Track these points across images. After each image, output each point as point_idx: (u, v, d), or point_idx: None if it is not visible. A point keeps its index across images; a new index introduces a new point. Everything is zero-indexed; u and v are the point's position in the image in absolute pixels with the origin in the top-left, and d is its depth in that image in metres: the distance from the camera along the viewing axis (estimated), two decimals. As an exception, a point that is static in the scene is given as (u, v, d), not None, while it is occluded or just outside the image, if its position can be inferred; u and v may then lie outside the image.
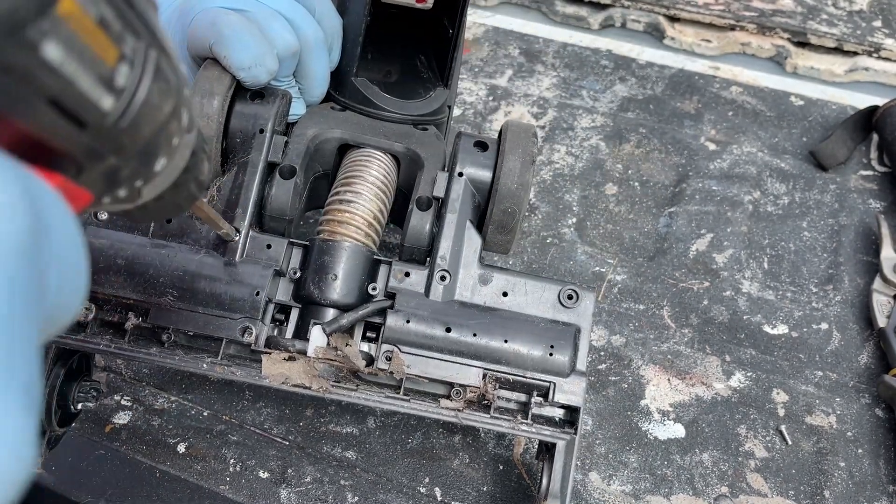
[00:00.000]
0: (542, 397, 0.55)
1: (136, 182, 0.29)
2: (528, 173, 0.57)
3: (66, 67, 0.20)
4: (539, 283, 0.58)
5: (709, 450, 0.65)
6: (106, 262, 0.55)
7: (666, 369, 0.70)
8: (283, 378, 0.53)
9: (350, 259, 0.55)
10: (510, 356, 0.55)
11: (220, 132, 0.57)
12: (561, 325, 0.56)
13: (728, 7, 1.06)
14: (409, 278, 0.56)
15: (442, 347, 0.54)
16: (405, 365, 0.54)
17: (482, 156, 0.59)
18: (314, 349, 0.53)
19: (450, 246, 0.57)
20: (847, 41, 1.01)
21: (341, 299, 0.55)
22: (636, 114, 0.95)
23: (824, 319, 0.74)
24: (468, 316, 0.55)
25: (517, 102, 0.96)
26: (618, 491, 0.62)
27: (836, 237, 0.81)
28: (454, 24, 0.63)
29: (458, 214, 0.58)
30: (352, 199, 0.57)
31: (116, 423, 0.66)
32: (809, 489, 0.63)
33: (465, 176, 0.58)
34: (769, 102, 0.96)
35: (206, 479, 0.62)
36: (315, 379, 0.53)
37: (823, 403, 0.68)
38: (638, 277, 0.77)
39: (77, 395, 0.59)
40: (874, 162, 0.88)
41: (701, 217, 0.83)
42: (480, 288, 0.57)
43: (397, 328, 0.54)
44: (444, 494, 0.62)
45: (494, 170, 0.58)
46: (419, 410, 0.54)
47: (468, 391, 0.54)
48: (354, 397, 0.54)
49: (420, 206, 0.58)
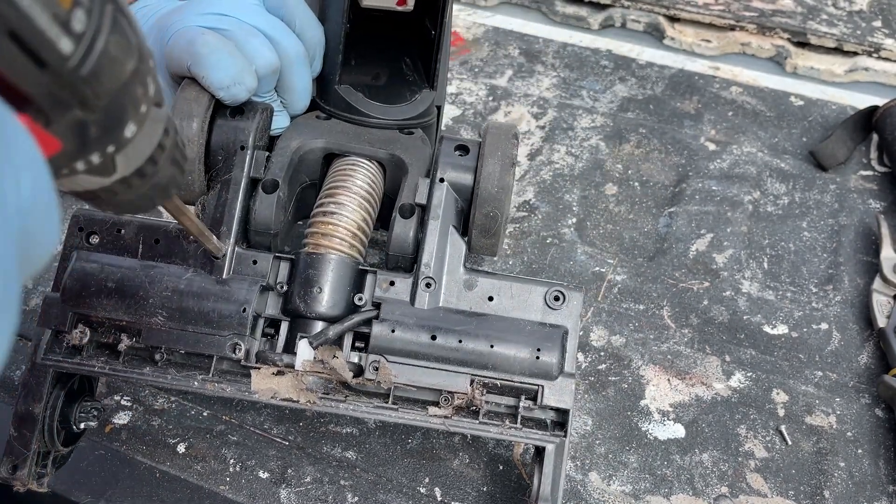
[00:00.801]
0: (531, 400, 0.56)
1: (107, 146, 0.30)
2: (508, 176, 0.57)
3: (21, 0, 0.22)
4: (525, 286, 0.57)
5: (709, 450, 0.65)
6: (97, 285, 0.56)
7: (666, 369, 0.70)
8: (272, 393, 0.54)
9: (335, 271, 0.55)
10: (497, 361, 0.55)
11: (202, 153, 0.57)
12: (548, 327, 0.56)
13: (728, 7, 1.06)
14: (395, 287, 0.57)
15: (428, 355, 0.55)
16: (392, 375, 0.54)
17: (463, 159, 0.59)
18: (302, 363, 0.54)
19: (434, 252, 0.57)
20: (847, 41, 1.02)
21: (328, 312, 0.55)
22: (636, 114, 0.95)
23: (824, 319, 0.74)
24: (454, 322, 0.55)
25: (517, 102, 0.96)
26: (618, 491, 0.62)
27: (835, 237, 0.81)
28: (436, 24, 0.63)
29: (441, 221, 0.57)
30: (335, 211, 0.57)
31: (116, 423, 0.66)
32: (809, 489, 0.63)
33: (446, 182, 0.58)
34: (769, 102, 0.96)
35: (205, 480, 0.62)
36: (303, 393, 0.54)
37: (823, 403, 0.68)
38: (638, 277, 0.77)
39: (79, 416, 0.60)
40: (874, 162, 0.88)
41: (701, 217, 0.83)
42: (466, 293, 0.57)
43: (383, 338, 0.55)
44: (444, 494, 0.62)
45: (476, 173, 0.58)
46: (407, 419, 0.54)
47: (456, 398, 0.55)
48: (342, 409, 0.54)
49: (403, 214, 0.58)
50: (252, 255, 0.56)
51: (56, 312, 0.56)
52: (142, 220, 0.59)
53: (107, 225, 0.58)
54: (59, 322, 0.56)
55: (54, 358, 0.56)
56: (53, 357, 0.56)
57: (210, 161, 0.59)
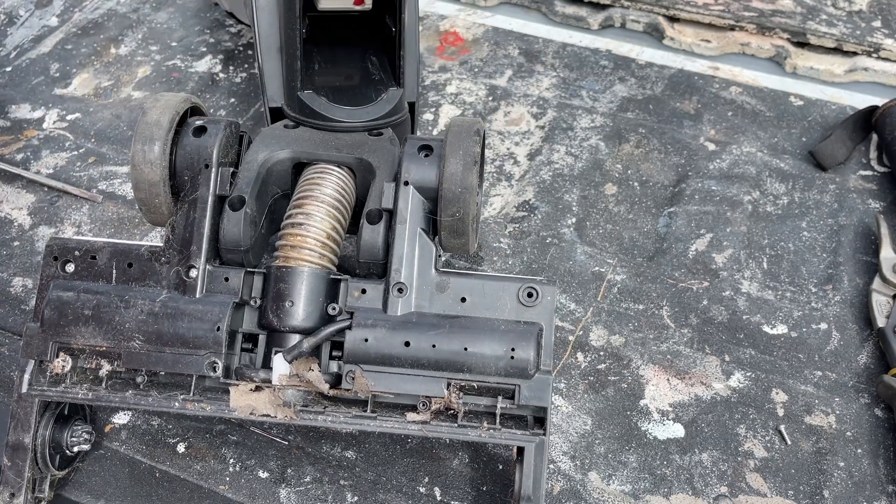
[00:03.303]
0: (508, 399, 0.56)
1: None
2: (471, 175, 0.57)
3: None
4: (497, 284, 0.58)
5: (708, 450, 0.65)
6: (74, 313, 0.57)
7: (665, 369, 0.70)
8: (251, 409, 0.55)
9: (306, 284, 0.56)
10: (471, 363, 0.55)
11: (166, 175, 0.58)
12: (522, 325, 0.56)
13: (728, 7, 1.06)
14: (366, 294, 0.57)
15: (403, 361, 0.55)
16: (370, 384, 0.55)
17: (427, 160, 0.59)
18: (278, 377, 0.55)
19: (403, 257, 0.57)
20: (847, 41, 1.02)
21: (301, 324, 0.55)
22: (636, 114, 0.95)
23: (824, 319, 0.74)
24: (426, 327, 0.56)
25: (517, 102, 0.96)
26: (617, 491, 0.62)
27: (835, 237, 0.81)
28: (396, 20, 0.63)
29: (409, 225, 0.58)
30: (303, 222, 0.57)
31: (116, 423, 0.66)
32: (809, 489, 0.63)
33: (411, 185, 0.58)
34: (769, 102, 0.96)
35: (205, 479, 0.63)
36: (279, 409, 0.55)
37: (823, 403, 0.68)
38: (637, 277, 0.77)
39: (70, 440, 0.61)
40: (873, 162, 0.89)
41: (700, 217, 0.83)
42: (438, 296, 0.57)
43: (357, 347, 0.55)
44: (443, 494, 0.62)
45: (439, 173, 0.58)
46: (386, 428, 0.55)
47: (434, 402, 0.55)
48: (321, 421, 0.55)
49: (371, 220, 0.58)
50: (224, 272, 0.57)
51: (38, 343, 0.57)
52: (114, 245, 0.59)
53: (81, 251, 0.59)
54: (40, 352, 0.57)
55: (39, 388, 0.57)
56: (38, 387, 0.57)
57: (176, 182, 0.59)
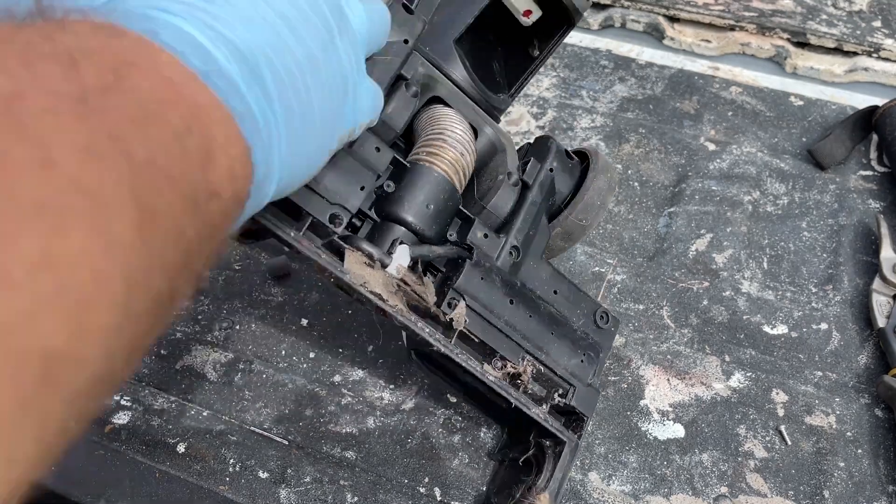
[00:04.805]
0: (561, 398, 0.58)
1: None
2: (609, 196, 0.61)
3: None
4: (581, 295, 0.61)
5: (708, 450, 0.65)
6: None
7: (665, 369, 0.70)
8: (363, 280, 0.49)
9: (451, 199, 0.54)
10: (550, 349, 0.57)
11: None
12: (594, 340, 0.61)
13: (728, 7, 1.06)
14: (487, 240, 0.56)
15: (500, 315, 0.55)
16: (465, 318, 0.53)
17: (569, 164, 0.62)
18: (396, 267, 0.50)
19: (526, 228, 0.58)
20: (847, 41, 1.02)
21: (426, 229, 0.52)
22: (636, 114, 0.95)
23: (824, 319, 0.74)
24: (530, 298, 0.57)
25: (517, 102, 0.96)
26: (617, 491, 0.62)
27: (835, 237, 0.81)
28: (543, 48, 0.64)
29: (540, 204, 0.59)
30: (450, 141, 0.55)
31: (116, 423, 0.66)
32: (809, 489, 0.63)
33: (554, 174, 0.61)
34: (769, 102, 0.96)
35: (205, 480, 0.62)
36: (392, 295, 0.50)
37: (823, 403, 0.68)
38: (637, 277, 0.77)
39: None
40: (874, 162, 0.89)
41: (700, 217, 0.83)
42: (538, 277, 0.59)
43: (469, 282, 0.53)
44: (443, 494, 0.62)
45: (578, 181, 0.62)
46: (469, 366, 0.54)
47: (509, 365, 0.55)
48: (419, 328, 0.52)
49: (513, 181, 0.59)
50: (376, 143, 0.52)
51: None
52: None
53: None
54: None
55: None
56: None
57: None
